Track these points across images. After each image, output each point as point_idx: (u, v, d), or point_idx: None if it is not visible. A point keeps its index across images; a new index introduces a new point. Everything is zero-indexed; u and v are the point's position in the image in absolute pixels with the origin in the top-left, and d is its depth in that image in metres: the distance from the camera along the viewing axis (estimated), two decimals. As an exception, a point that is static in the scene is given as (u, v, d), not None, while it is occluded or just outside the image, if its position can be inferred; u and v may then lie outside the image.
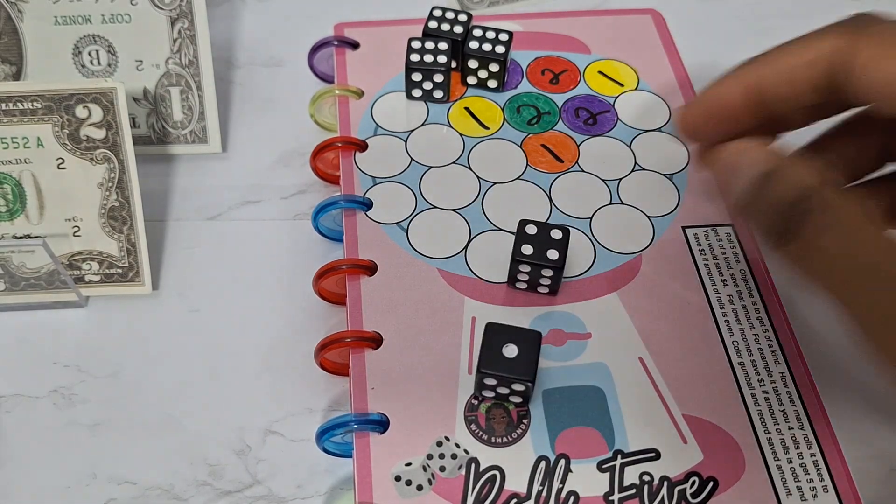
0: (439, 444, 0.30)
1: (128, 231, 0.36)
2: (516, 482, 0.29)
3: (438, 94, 0.40)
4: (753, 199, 0.27)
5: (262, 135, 0.43)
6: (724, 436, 0.31)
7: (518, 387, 0.30)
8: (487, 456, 0.30)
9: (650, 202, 0.37)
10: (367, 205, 0.37)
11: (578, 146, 0.39)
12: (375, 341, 0.33)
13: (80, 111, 0.35)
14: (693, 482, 0.30)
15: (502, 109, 0.41)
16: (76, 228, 0.36)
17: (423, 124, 0.40)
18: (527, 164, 0.38)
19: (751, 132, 0.30)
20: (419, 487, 0.29)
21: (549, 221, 0.36)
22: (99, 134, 0.35)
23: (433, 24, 0.41)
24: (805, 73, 0.27)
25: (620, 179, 0.38)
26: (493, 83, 0.41)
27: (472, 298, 0.34)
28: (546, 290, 0.34)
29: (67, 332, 0.36)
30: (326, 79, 0.45)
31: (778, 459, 0.30)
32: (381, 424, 0.30)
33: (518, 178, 0.38)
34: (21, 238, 0.36)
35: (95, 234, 0.36)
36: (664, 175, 0.38)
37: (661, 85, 0.42)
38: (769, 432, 0.31)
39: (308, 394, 0.35)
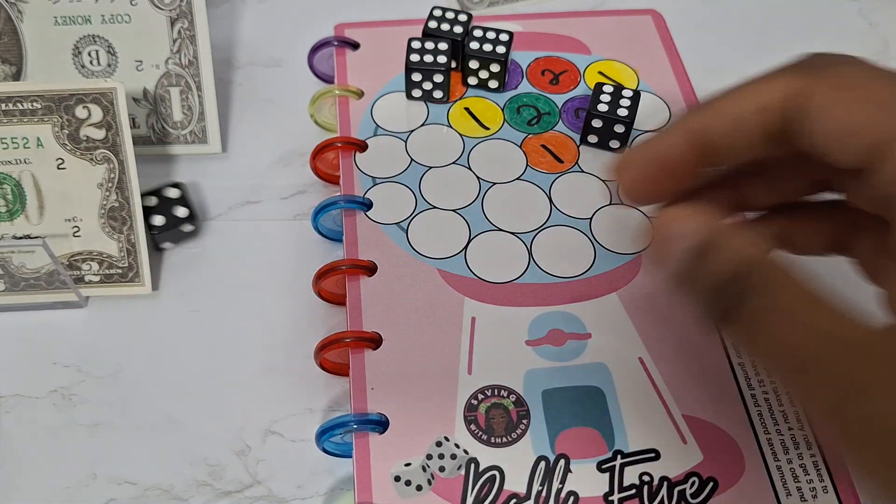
0: (439, 444, 0.30)
1: (128, 231, 0.36)
2: (516, 482, 0.29)
3: (438, 94, 0.40)
4: (688, 274, 0.24)
5: (262, 135, 0.43)
6: (724, 436, 0.31)
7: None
8: (487, 456, 0.30)
9: (650, 202, 0.37)
10: (367, 205, 0.37)
11: (578, 147, 0.39)
12: (375, 341, 0.33)
13: (80, 111, 0.35)
14: (693, 482, 0.30)
15: (502, 110, 0.41)
16: (76, 229, 0.36)
17: (423, 124, 0.40)
18: (527, 165, 0.38)
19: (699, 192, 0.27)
20: (419, 488, 0.29)
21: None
22: (99, 134, 0.35)
23: (433, 24, 0.41)
24: (756, 119, 0.24)
25: (620, 179, 0.38)
26: (494, 83, 0.41)
27: (472, 298, 0.34)
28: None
29: (67, 332, 0.36)
30: (326, 79, 0.45)
31: (778, 460, 0.30)
32: (381, 424, 0.30)
33: (518, 179, 0.38)
34: (21, 238, 0.36)
35: (95, 235, 0.36)
36: (664, 175, 0.38)
37: (660, 85, 0.42)
38: (769, 432, 0.31)
39: (308, 394, 0.35)
